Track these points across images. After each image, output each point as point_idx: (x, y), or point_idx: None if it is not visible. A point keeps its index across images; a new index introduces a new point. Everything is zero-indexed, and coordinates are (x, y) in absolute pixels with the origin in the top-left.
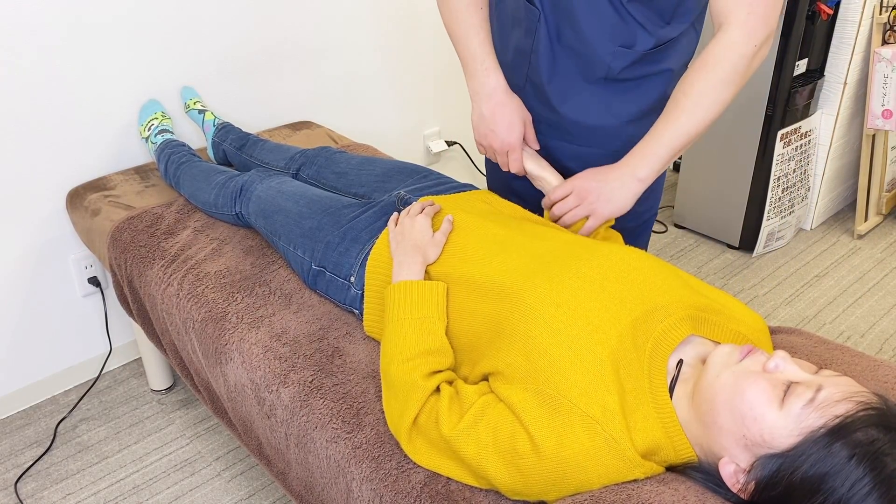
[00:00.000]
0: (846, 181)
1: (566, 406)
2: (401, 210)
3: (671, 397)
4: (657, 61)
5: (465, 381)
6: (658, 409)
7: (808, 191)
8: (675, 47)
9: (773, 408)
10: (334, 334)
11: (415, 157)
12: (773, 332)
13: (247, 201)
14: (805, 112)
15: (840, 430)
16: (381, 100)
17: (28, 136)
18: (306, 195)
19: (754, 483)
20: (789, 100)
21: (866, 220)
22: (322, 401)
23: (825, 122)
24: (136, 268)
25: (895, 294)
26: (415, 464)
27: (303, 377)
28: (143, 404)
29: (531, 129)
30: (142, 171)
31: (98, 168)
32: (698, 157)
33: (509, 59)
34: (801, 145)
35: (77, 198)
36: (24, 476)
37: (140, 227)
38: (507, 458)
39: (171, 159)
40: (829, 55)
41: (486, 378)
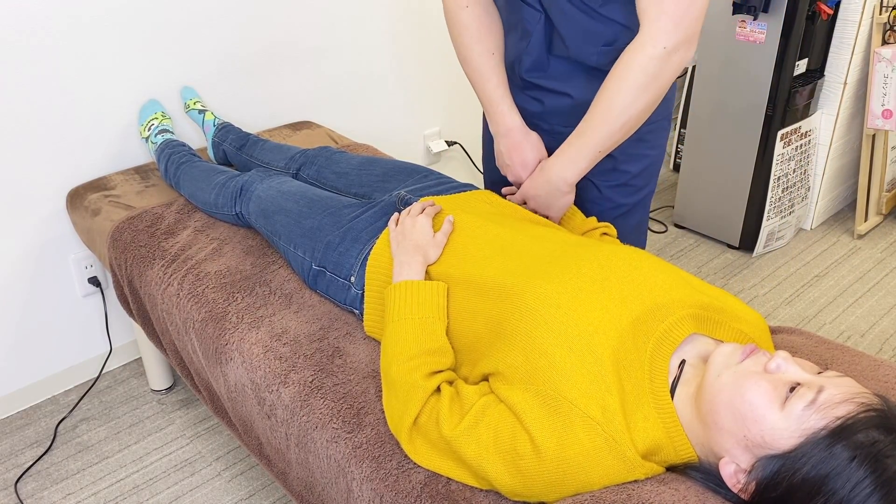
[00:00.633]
0: (846, 181)
1: (566, 407)
2: (401, 210)
3: (673, 397)
4: None
5: (466, 382)
6: (659, 409)
7: (808, 191)
8: None
9: (774, 409)
10: (334, 334)
11: (415, 157)
12: (774, 332)
13: (247, 201)
14: (805, 112)
15: (841, 432)
16: (382, 100)
17: (28, 136)
18: (306, 195)
19: (755, 483)
20: (789, 100)
21: (866, 220)
22: (322, 401)
23: (825, 122)
24: (137, 268)
25: (895, 294)
26: (415, 464)
27: (303, 377)
28: (143, 404)
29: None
30: (142, 171)
31: (98, 168)
32: (698, 157)
33: (509, 62)
34: (801, 145)
35: (77, 198)
36: (24, 476)
37: (140, 227)
38: (508, 459)
39: (172, 159)
40: (829, 55)
41: (486, 378)
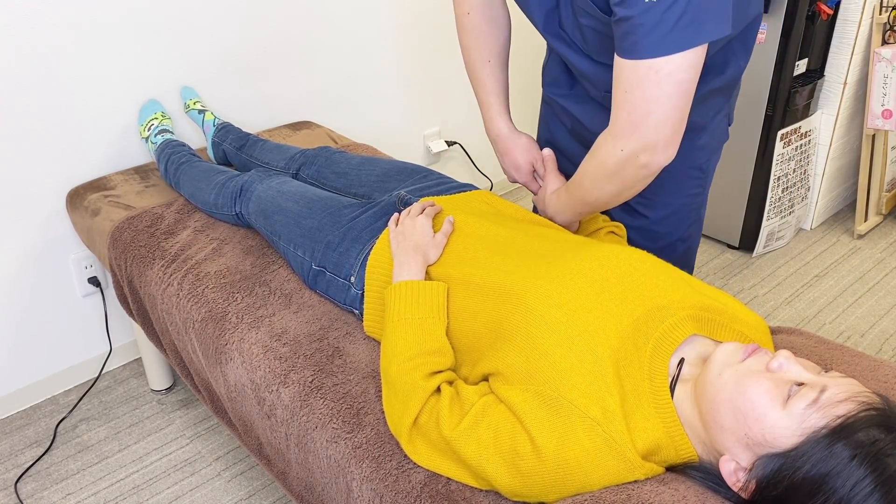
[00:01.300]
0: (846, 181)
1: (566, 407)
2: (401, 210)
3: (672, 397)
4: None
5: (466, 382)
6: (659, 409)
7: (808, 191)
8: None
9: (775, 407)
10: (334, 334)
11: (415, 157)
12: (774, 332)
13: (247, 201)
14: (805, 112)
15: (842, 431)
16: (381, 100)
17: (28, 136)
18: (306, 195)
19: (755, 482)
20: (789, 100)
21: (866, 220)
22: (322, 401)
23: (825, 122)
24: (136, 268)
25: (895, 294)
26: (415, 464)
27: (303, 377)
28: (143, 404)
29: (541, 164)
30: (142, 171)
31: (98, 168)
32: None
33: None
34: (801, 145)
35: (77, 198)
36: (24, 476)
37: (140, 227)
38: (508, 460)
39: (171, 159)
40: (829, 55)
41: (486, 378)
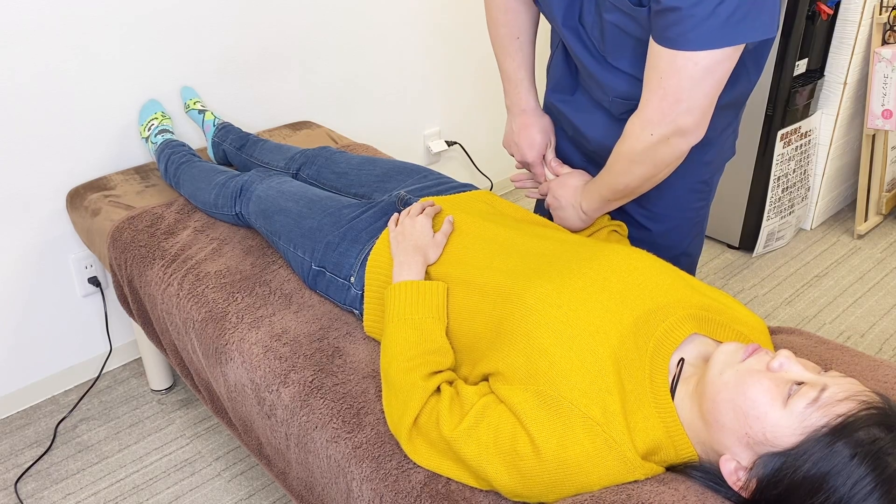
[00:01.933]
0: (846, 181)
1: (566, 407)
2: (401, 210)
3: (673, 396)
4: None
5: (466, 382)
6: (659, 409)
7: (808, 191)
8: None
9: (776, 406)
10: (334, 334)
11: (415, 157)
12: (774, 332)
13: (247, 201)
14: (805, 112)
15: (842, 430)
16: (381, 100)
17: (28, 135)
18: (306, 195)
19: (755, 481)
20: (789, 100)
21: (866, 220)
22: (322, 401)
23: (825, 122)
24: (136, 268)
25: (895, 294)
26: (415, 464)
27: (303, 377)
28: (143, 404)
29: (551, 151)
30: (142, 171)
31: (98, 168)
32: None
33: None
34: (801, 145)
35: (77, 198)
36: (24, 476)
37: (140, 227)
38: (508, 460)
39: (172, 159)
40: (829, 55)
41: (486, 378)
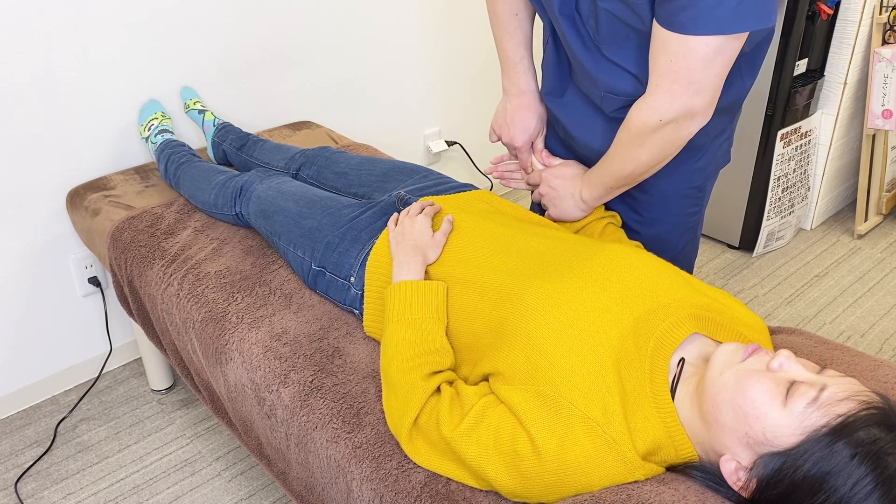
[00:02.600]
0: (846, 181)
1: (567, 408)
2: (401, 210)
3: (673, 396)
4: None
5: (466, 382)
6: (659, 410)
7: (808, 191)
8: None
9: (776, 406)
10: (334, 334)
11: (415, 157)
12: (774, 332)
13: (247, 201)
14: (805, 112)
15: (842, 430)
16: (381, 100)
17: (28, 136)
18: (306, 195)
19: (756, 481)
20: (789, 100)
21: (866, 220)
22: (322, 401)
23: (825, 122)
24: (136, 268)
25: (895, 294)
26: (415, 464)
27: (303, 377)
28: (143, 404)
29: (541, 140)
30: (142, 171)
31: (98, 168)
32: None
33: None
34: (801, 145)
35: (77, 198)
36: (24, 476)
37: (140, 227)
38: (508, 460)
39: (171, 159)
40: (829, 55)
41: (486, 378)
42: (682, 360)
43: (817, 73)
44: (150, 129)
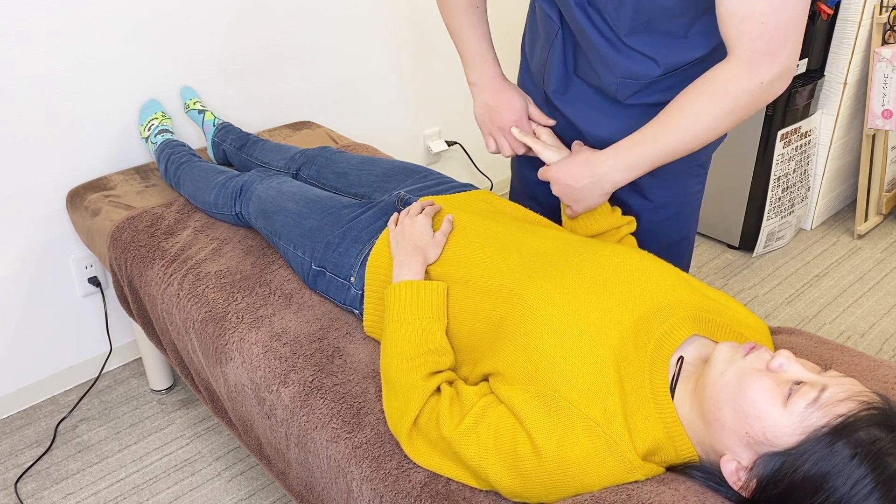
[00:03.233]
0: (846, 181)
1: (567, 408)
2: (401, 210)
3: (672, 396)
4: (672, 87)
5: (466, 382)
6: (659, 410)
7: (808, 191)
8: (694, 72)
9: (776, 406)
10: (334, 334)
11: (415, 157)
12: (774, 332)
13: (247, 201)
14: (805, 112)
15: (842, 430)
16: (381, 100)
17: (28, 135)
18: (306, 195)
19: (756, 481)
20: (789, 100)
21: (866, 220)
22: (322, 401)
23: (825, 122)
24: (136, 268)
25: (895, 294)
26: (415, 464)
27: (303, 377)
28: (143, 404)
29: (535, 108)
30: (142, 171)
31: (98, 168)
32: None
33: (534, 68)
34: (801, 145)
35: (77, 198)
36: (24, 476)
37: (140, 227)
38: (508, 461)
39: (172, 159)
40: (829, 55)
41: (486, 378)
42: (682, 358)
43: (817, 73)
44: (150, 128)
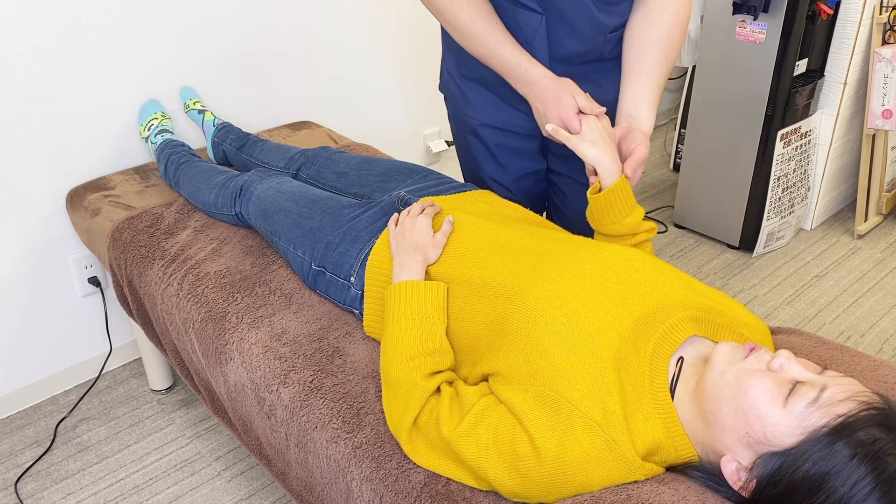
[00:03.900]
0: (846, 181)
1: (566, 408)
2: (401, 210)
3: (672, 397)
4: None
5: (466, 382)
6: (659, 410)
7: (808, 191)
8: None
9: (776, 406)
10: (334, 334)
11: (415, 157)
12: (774, 332)
13: (247, 201)
14: (805, 112)
15: (842, 430)
16: (381, 100)
17: (28, 136)
18: (306, 195)
19: (755, 481)
20: (789, 100)
21: (866, 220)
22: (322, 401)
23: (825, 122)
24: (136, 268)
25: (895, 294)
26: (415, 464)
27: (303, 377)
28: (143, 404)
29: (583, 99)
30: (142, 171)
31: (98, 168)
32: (698, 157)
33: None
34: (801, 145)
35: (77, 198)
36: (24, 476)
37: (140, 227)
38: (508, 461)
39: (171, 159)
40: (829, 55)
41: (486, 379)
42: (681, 358)
43: (817, 73)
44: (149, 129)
